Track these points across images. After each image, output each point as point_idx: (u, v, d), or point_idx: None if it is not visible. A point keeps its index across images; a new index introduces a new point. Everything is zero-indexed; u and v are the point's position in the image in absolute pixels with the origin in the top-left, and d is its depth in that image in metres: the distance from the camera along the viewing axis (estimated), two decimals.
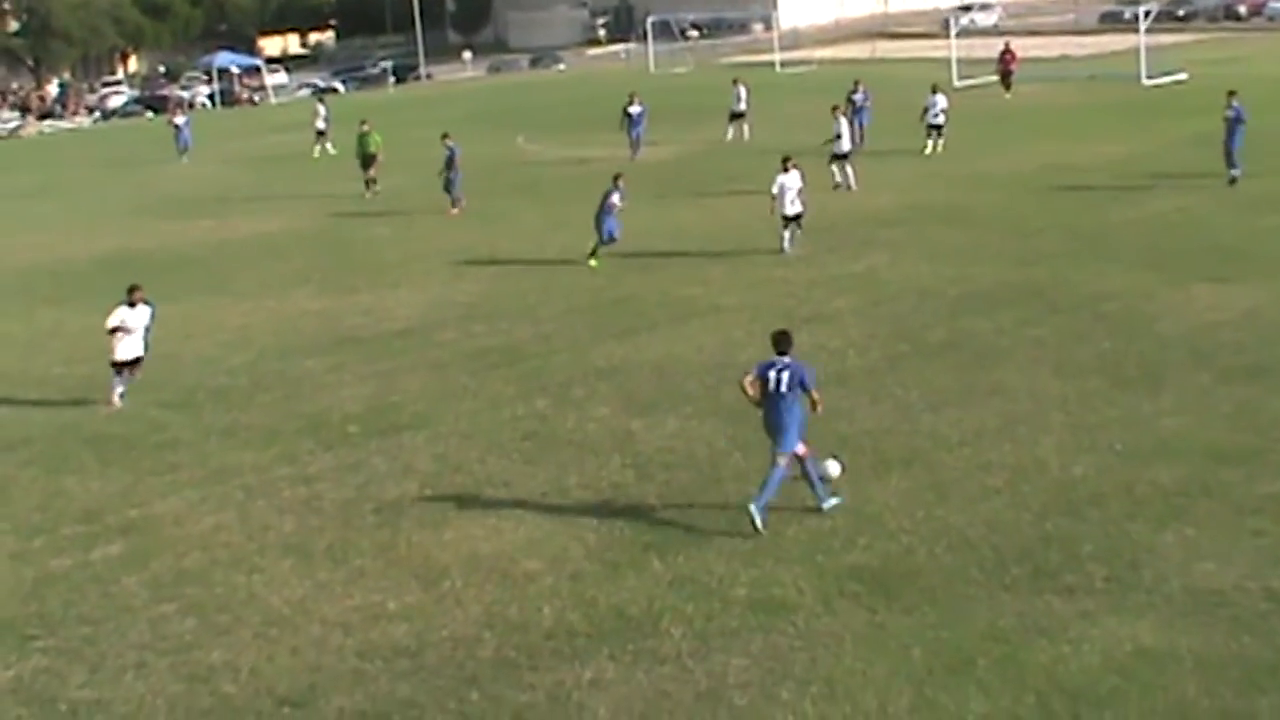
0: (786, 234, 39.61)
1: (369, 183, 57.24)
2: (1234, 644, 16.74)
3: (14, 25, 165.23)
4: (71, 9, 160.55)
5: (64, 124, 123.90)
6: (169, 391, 31.05)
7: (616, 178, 40.86)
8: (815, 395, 21.14)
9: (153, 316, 30.57)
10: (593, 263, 39.60)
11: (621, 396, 28.15)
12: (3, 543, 22.94)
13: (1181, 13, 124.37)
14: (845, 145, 49.88)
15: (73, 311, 39.72)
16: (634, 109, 60.53)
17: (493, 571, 20.38)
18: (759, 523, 20.79)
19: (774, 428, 21.19)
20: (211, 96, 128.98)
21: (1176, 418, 24.66)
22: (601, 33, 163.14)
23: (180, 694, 17.49)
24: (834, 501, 21.63)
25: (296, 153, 76.40)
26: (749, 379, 21.35)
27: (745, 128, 65.81)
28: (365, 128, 58.63)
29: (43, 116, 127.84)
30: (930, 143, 56.03)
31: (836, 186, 49.05)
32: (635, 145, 60.45)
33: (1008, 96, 75.73)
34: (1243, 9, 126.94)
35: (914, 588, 18.82)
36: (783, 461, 21.08)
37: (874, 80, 64.50)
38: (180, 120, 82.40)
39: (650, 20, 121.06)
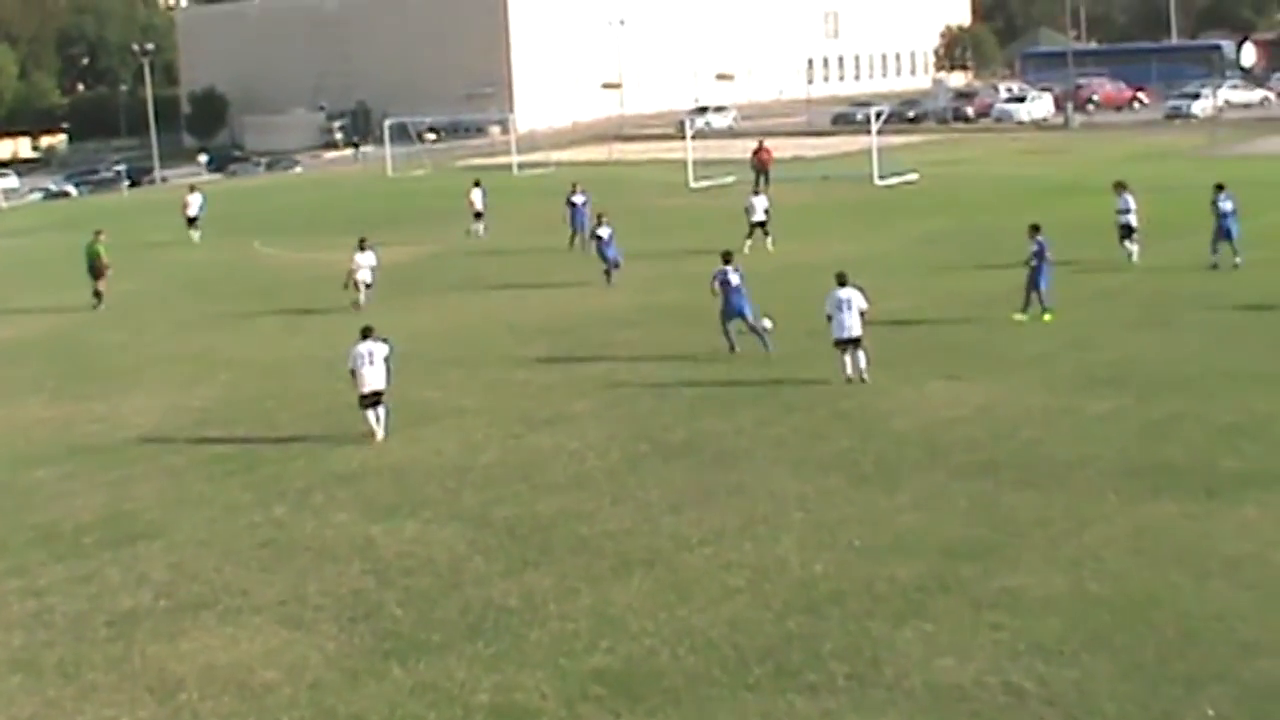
0: (848, 360, 34.38)
1: (97, 294, 55.04)
2: None
3: None
4: None
5: None
6: None
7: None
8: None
9: (391, 349, 32.63)
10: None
11: (361, 502, 27.88)
12: None
13: (912, 114, 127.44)
14: (366, 275, 50.30)
15: None
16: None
17: (230, 682, 20.02)
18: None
19: (737, 310, 37.89)
20: None
21: (913, 514, 25.02)
22: (339, 136, 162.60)
23: None
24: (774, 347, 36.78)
25: (28, 257, 74.95)
26: (715, 282, 38.53)
27: (481, 227, 66.51)
28: (101, 238, 56.09)
29: None
30: (750, 241, 56.06)
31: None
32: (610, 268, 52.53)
33: (769, 191, 75.80)
34: (970, 111, 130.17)
35: (657, 689, 18.80)
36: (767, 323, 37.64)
37: (610, 182, 64.87)
38: None
39: (388, 123, 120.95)
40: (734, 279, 38.17)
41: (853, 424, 30.85)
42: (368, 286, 49.47)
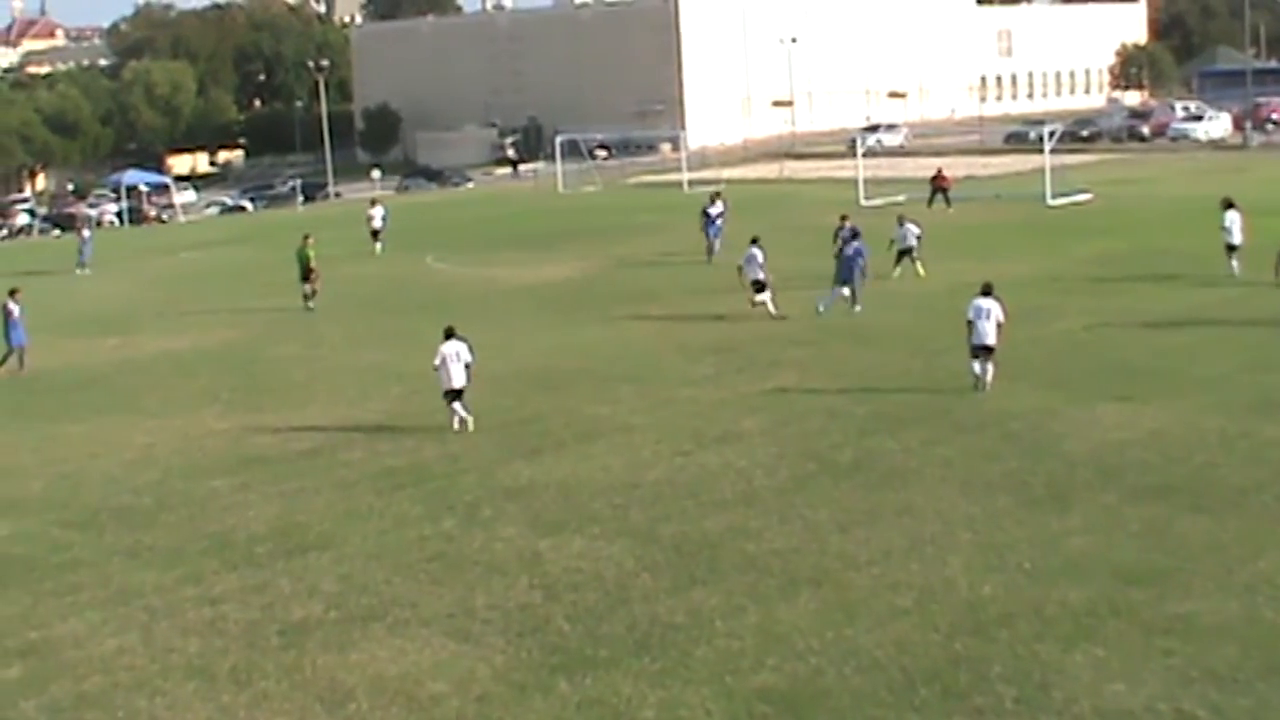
0: (976, 365, 35.65)
1: (308, 296, 57.24)
2: None
3: None
4: None
5: None
6: (72, 511, 30.67)
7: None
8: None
9: (471, 350, 34.77)
10: None
11: (529, 517, 28.01)
12: None
13: (1086, 133, 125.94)
14: (757, 272, 49.48)
15: None
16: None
17: (398, 694, 20.19)
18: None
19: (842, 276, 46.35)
20: (119, 214, 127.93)
21: (1084, 537, 24.76)
22: (510, 152, 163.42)
23: None
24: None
25: (205, 270, 76.04)
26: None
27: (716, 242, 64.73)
28: (309, 242, 58.38)
29: None
30: (899, 267, 55.54)
31: None
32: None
33: (950, 211, 75.33)
34: (1145, 130, 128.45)
35: (823, 709, 18.74)
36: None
37: (781, 199, 64.77)
38: (86, 234, 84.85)
39: (559, 140, 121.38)
40: (850, 250, 47.58)
41: (1022, 445, 30.61)
42: (759, 288, 47.85)
